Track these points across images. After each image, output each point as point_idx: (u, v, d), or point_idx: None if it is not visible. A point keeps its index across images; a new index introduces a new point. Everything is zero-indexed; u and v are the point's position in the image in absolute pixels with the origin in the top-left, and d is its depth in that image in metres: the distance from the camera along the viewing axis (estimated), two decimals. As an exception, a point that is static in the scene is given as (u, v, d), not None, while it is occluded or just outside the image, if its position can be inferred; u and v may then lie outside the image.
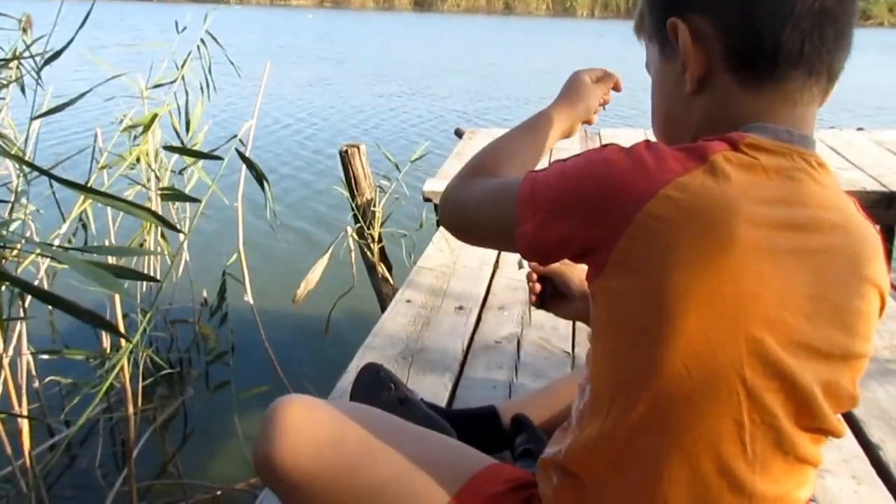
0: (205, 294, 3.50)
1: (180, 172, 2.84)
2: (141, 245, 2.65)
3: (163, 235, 2.87)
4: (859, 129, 4.41)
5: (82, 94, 1.37)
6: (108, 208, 2.75)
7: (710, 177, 0.63)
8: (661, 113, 0.79)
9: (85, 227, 2.19)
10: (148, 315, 1.41)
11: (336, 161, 3.47)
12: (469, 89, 11.55)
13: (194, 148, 2.57)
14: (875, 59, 16.29)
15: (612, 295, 0.68)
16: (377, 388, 1.28)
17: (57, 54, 1.41)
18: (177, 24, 2.34)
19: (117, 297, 1.63)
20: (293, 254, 4.36)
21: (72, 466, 2.54)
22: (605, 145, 0.70)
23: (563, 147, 3.82)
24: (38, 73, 1.42)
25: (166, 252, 2.69)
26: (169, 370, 2.76)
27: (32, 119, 1.45)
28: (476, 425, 1.22)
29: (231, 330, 3.21)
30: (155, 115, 2.17)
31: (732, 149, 0.65)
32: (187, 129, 2.57)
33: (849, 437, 1.37)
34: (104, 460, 2.47)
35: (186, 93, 2.40)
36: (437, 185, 3.03)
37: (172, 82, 2.28)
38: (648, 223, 0.63)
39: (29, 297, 2.34)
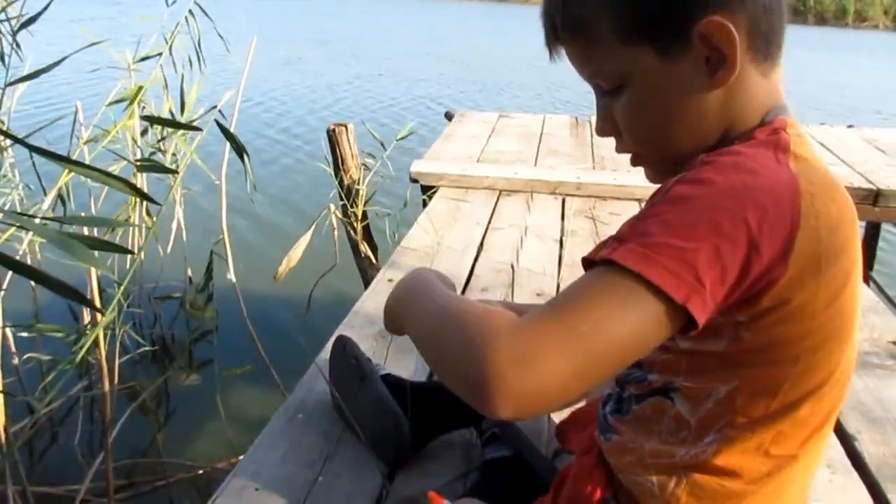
0: (189, 273, 3.48)
1: (159, 141, 2.81)
2: (126, 220, 2.63)
3: (148, 212, 2.84)
4: (849, 126, 4.41)
5: (61, 60, 1.34)
6: (92, 184, 2.72)
7: (804, 163, 0.66)
8: (675, 117, 0.72)
9: (63, 201, 2.15)
10: (121, 288, 1.39)
11: (323, 139, 3.45)
12: (459, 74, 11.51)
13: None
14: (868, 60, 16.32)
15: (784, 306, 0.64)
16: (342, 363, 1.26)
17: (34, 17, 1.38)
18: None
19: (94, 270, 1.60)
20: (279, 231, 4.34)
21: (53, 444, 2.52)
22: (688, 180, 0.64)
23: (553, 138, 3.80)
24: (13, 36, 1.38)
25: (150, 226, 2.67)
26: (150, 347, 2.74)
27: (7, 85, 1.42)
28: (440, 399, 1.20)
29: (216, 310, 3.19)
30: (140, 88, 2.13)
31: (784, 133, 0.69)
32: (182, 107, 2.53)
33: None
34: (84, 437, 2.46)
35: (175, 66, 2.37)
36: (424, 166, 3.01)
37: (159, 54, 2.24)
38: (809, 223, 0.62)
39: (9, 274, 2.31)
